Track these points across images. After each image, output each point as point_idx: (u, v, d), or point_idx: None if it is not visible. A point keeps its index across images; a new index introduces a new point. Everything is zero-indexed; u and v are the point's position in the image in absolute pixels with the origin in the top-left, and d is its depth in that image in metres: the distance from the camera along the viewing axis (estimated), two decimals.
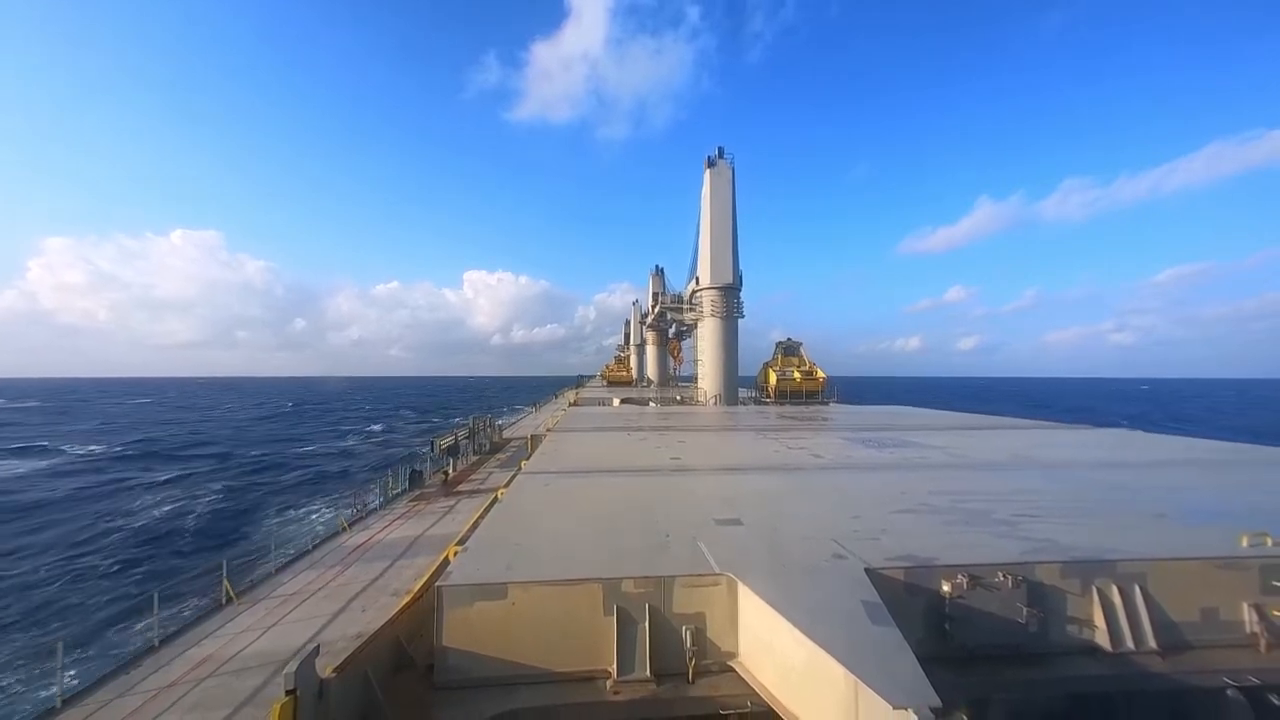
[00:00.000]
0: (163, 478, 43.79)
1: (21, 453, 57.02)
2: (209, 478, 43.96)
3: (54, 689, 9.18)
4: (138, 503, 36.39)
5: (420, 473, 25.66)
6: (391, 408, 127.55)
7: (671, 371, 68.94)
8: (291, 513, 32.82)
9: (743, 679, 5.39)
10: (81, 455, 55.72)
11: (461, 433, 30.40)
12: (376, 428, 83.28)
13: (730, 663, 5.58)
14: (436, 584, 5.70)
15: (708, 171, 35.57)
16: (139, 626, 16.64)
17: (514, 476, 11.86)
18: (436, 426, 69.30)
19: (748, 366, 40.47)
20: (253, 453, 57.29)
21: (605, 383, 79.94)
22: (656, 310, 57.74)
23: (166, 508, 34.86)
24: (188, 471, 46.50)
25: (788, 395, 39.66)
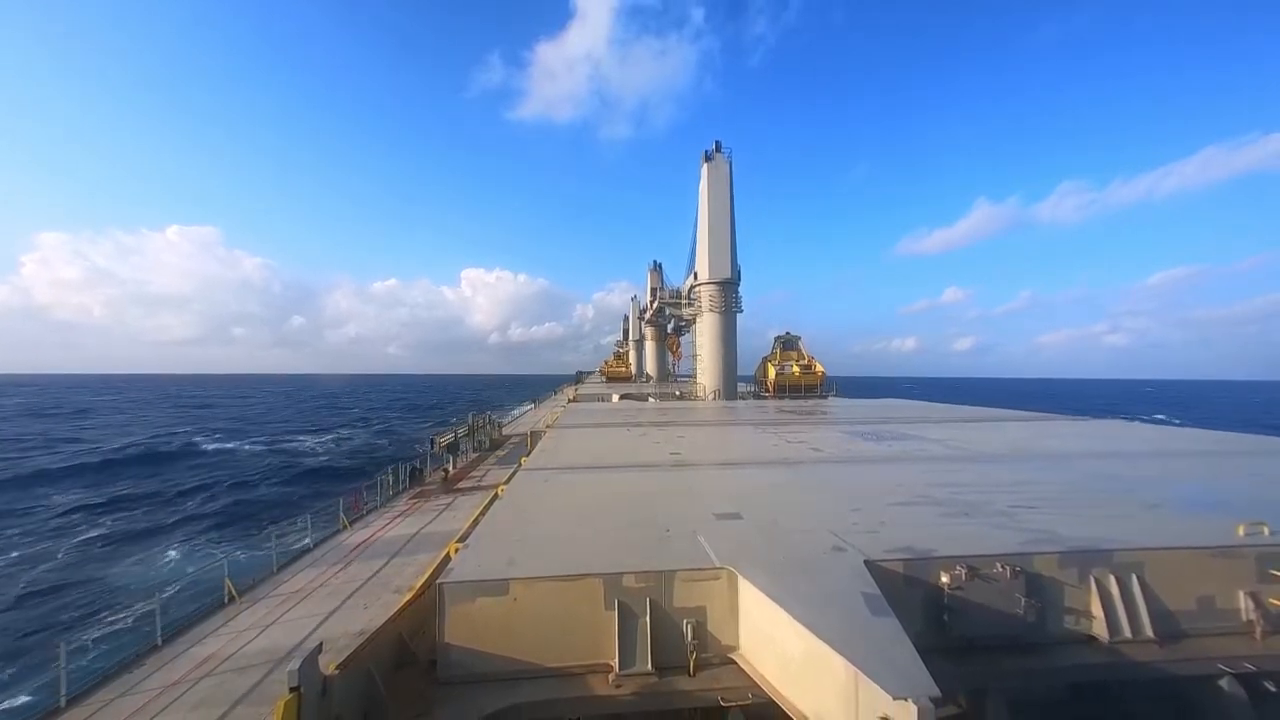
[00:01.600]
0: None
1: None
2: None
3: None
4: None
5: (420, 470, 25.71)
6: (374, 408, 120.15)
7: (670, 367, 69.01)
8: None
9: (743, 671, 5.42)
10: None
11: (461, 430, 30.44)
12: (323, 440, 66.18)
13: (731, 655, 5.61)
14: (438, 581, 5.72)
15: (705, 166, 35.42)
16: None
17: (514, 473, 11.88)
18: (393, 447, 56.30)
19: (746, 365, 40.48)
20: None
21: (604, 379, 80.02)
22: (655, 306, 57.72)
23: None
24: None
25: (786, 390, 39.71)
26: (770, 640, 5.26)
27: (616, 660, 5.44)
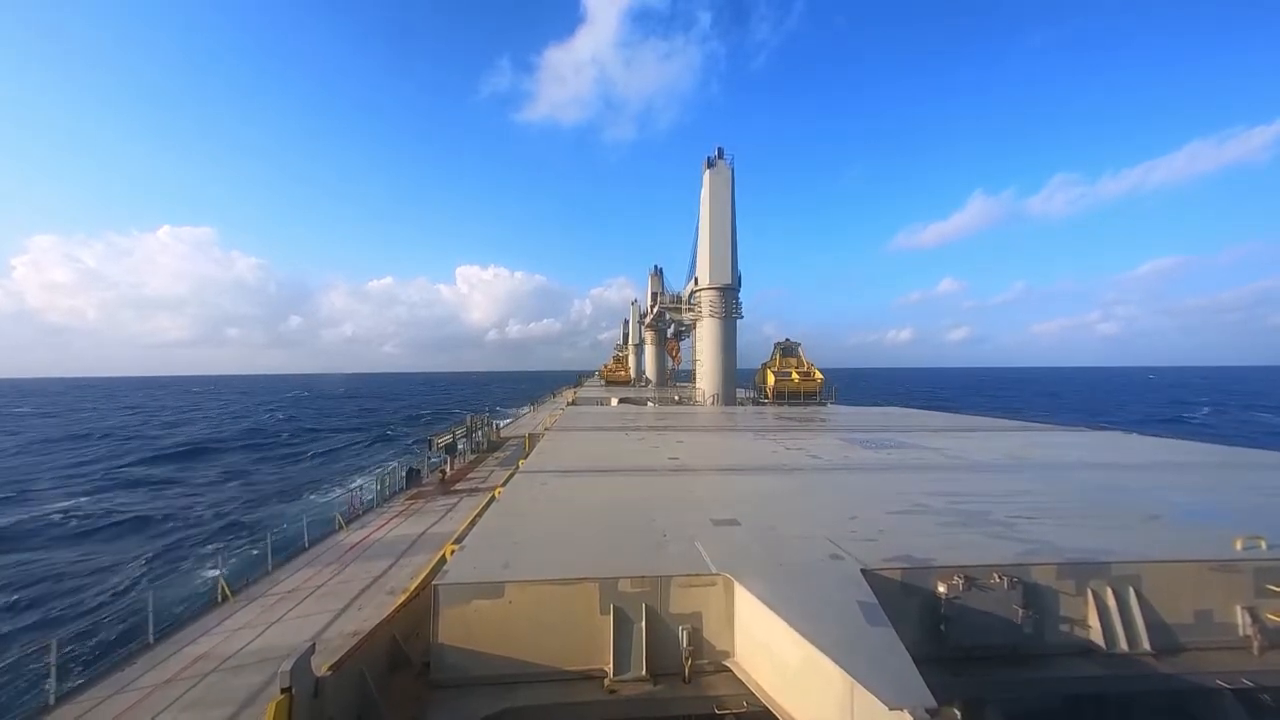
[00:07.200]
0: None
1: None
2: None
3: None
4: None
5: (418, 471, 25.64)
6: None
7: (669, 371, 68.99)
8: None
9: (739, 679, 5.39)
10: None
11: (459, 431, 30.38)
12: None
13: (726, 662, 5.59)
14: (433, 582, 5.69)
15: (707, 172, 35.55)
16: None
17: (511, 475, 11.86)
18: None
19: (743, 362, 40.43)
20: None
21: (604, 382, 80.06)
22: (655, 310, 57.78)
23: None
24: None
25: (785, 396, 39.70)
26: (766, 648, 5.23)
27: (611, 665, 5.41)
